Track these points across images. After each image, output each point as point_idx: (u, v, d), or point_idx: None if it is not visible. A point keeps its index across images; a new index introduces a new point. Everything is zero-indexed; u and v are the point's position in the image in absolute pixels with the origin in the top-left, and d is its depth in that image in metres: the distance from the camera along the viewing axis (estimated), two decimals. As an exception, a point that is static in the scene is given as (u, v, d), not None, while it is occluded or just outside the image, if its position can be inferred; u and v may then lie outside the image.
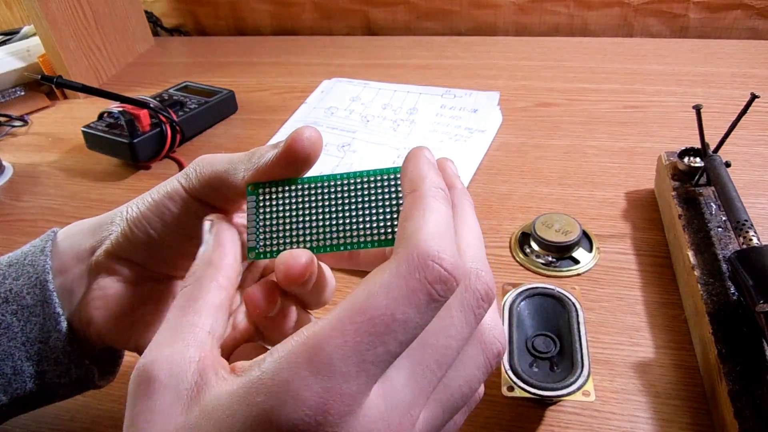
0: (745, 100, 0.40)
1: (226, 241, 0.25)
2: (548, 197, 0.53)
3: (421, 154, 0.24)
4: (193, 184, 0.27)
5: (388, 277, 0.19)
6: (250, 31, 1.05)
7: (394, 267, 0.19)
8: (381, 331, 0.18)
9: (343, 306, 0.19)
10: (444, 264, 0.19)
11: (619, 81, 0.72)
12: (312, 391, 0.18)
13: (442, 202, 0.21)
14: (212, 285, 0.23)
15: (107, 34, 0.87)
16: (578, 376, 0.31)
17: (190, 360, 0.20)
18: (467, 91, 0.69)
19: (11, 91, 0.82)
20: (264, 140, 0.65)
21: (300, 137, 0.25)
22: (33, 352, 0.29)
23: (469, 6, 0.93)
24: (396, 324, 0.19)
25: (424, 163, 0.23)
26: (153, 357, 0.21)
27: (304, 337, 0.19)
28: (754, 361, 0.32)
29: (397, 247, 0.20)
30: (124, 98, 0.63)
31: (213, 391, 0.20)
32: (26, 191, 0.63)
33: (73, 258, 0.30)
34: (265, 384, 0.18)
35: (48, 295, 0.29)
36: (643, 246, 0.46)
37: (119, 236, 0.29)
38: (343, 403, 0.18)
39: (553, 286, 0.36)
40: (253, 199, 0.26)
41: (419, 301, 0.19)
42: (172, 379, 0.20)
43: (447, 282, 0.19)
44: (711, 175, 0.42)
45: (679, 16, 0.86)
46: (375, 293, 0.19)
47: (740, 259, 0.34)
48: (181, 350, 0.21)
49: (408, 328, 0.19)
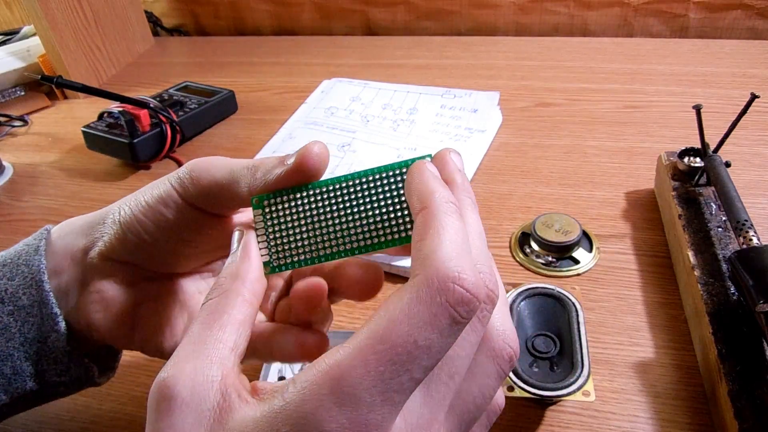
0: (745, 100, 0.40)
1: (254, 253, 0.25)
2: (548, 197, 0.53)
3: (424, 167, 0.23)
4: (189, 192, 0.27)
5: (408, 303, 0.19)
6: (250, 31, 1.05)
7: (413, 291, 0.19)
8: (404, 359, 0.18)
9: (364, 334, 0.19)
10: (465, 284, 0.19)
11: (619, 81, 0.72)
12: (337, 422, 0.18)
13: (454, 217, 0.21)
14: (238, 300, 0.23)
15: (107, 34, 0.87)
16: (578, 376, 0.31)
17: (213, 379, 0.20)
18: (467, 91, 0.69)
19: (11, 91, 0.82)
20: (264, 140, 0.65)
21: (309, 153, 0.25)
22: (32, 352, 0.29)
23: (469, 6, 0.93)
24: (419, 350, 0.18)
25: (429, 177, 0.23)
26: (175, 372, 0.20)
27: (326, 366, 0.18)
28: (754, 361, 0.32)
29: (415, 269, 0.20)
30: (124, 98, 0.63)
31: (237, 416, 0.19)
32: (26, 191, 0.63)
33: (67, 258, 0.30)
34: (289, 415, 0.18)
35: (45, 295, 0.29)
36: (643, 246, 0.46)
37: (112, 238, 0.28)
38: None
39: (553, 286, 0.36)
40: (260, 213, 0.25)
41: (442, 325, 0.18)
42: (195, 397, 0.20)
43: (470, 303, 0.19)
44: (711, 175, 0.42)
45: (679, 16, 0.86)
46: (396, 320, 0.18)
47: (740, 259, 0.34)
48: (203, 367, 0.20)
49: (431, 353, 0.18)
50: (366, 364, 0.18)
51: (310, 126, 0.66)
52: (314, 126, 0.65)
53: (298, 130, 0.65)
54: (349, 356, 0.18)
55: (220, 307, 0.22)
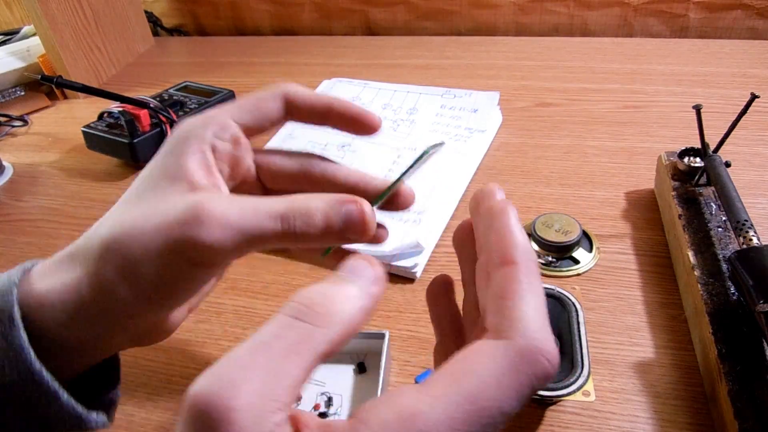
0: (745, 100, 0.40)
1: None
2: (548, 197, 0.53)
3: (509, 209, 0.22)
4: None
5: (500, 369, 0.19)
6: (250, 31, 1.05)
7: (507, 359, 0.19)
8: (488, 422, 0.18)
9: (452, 389, 0.18)
10: (550, 358, 0.19)
11: (619, 81, 0.72)
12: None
13: (539, 280, 0.21)
14: (327, 338, 0.19)
15: (107, 34, 0.87)
16: (578, 376, 0.31)
17: (276, 409, 0.17)
18: (467, 91, 0.69)
19: (11, 91, 0.82)
20: (264, 140, 0.65)
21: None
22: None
23: (469, 6, 0.93)
24: (502, 416, 0.18)
25: (515, 224, 0.22)
26: (232, 392, 0.17)
27: (407, 413, 0.17)
28: (754, 361, 0.32)
29: (502, 329, 0.20)
30: (124, 98, 0.63)
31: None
32: (26, 191, 0.63)
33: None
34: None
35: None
36: (643, 246, 0.46)
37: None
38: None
39: (553, 286, 0.36)
40: None
41: (525, 395, 0.19)
42: (255, 427, 0.16)
43: (550, 377, 0.19)
44: (711, 175, 0.42)
45: (679, 16, 0.86)
46: (487, 383, 0.18)
47: (740, 259, 0.34)
48: (270, 396, 0.17)
49: (509, 418, 0.19)
50: (452, 421, 0.18)
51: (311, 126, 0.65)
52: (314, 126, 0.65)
53: (299, 130, 0.65)
54: (435, 409, 0.18)
55: (310, 339, 0.19)
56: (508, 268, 0.21)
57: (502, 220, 0.22)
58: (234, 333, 0.42)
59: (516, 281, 0.20)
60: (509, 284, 0.20)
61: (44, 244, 0.54)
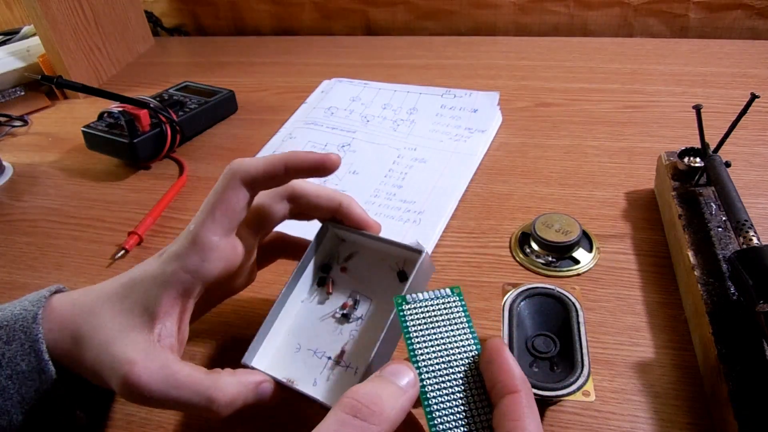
0: (745, 100, 0.40)
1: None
2: (548, 197, 0.53)
3: (503, 349, 0.26)
4: None
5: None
6: (250, 31, 1.05)
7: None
8: None
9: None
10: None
11: (619, 81, 0.72)
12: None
13: (535, 404, 0.25)
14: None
15: (107, 34, 0.87)
16: (578, 376, 0.31)
17: None
18: (467, 91, 0.69)
19: (11, 91, 0.83)
20: (264, 140, 0.65)
21: None
22: (27, 408, 0.30)
23: (469, 6, 0.93)
24: None
25: (510, 359, 0.26)
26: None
27: None
28: (754, 361, 0.32)
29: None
30: (124, 98, 0.63)
31: None
32: (26, 191, 0.63)
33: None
34: None
35: (44, 365, 0.30)
36: (643, 246, 0.46)
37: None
38: None
39: (553, 286, 0.36)
40: None
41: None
42: None
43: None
44: (711, 175, 0.42)
45: (679, 16, 0.86)
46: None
47: (740, 259, 0.34)
48: None
49: None
50: None
51: (310, 126, 0.66)
52: (314, 126, 0.65)
53: (298, 130, 0.65)
54: None
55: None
56: (515, 395, 0.25)
57: (499, 356, 0.26)
58: (234, 333, 0.42)
59: (523, 405, 0.24)
60: (517, 408, 0.24)
61: (44, 244, 0.54)
